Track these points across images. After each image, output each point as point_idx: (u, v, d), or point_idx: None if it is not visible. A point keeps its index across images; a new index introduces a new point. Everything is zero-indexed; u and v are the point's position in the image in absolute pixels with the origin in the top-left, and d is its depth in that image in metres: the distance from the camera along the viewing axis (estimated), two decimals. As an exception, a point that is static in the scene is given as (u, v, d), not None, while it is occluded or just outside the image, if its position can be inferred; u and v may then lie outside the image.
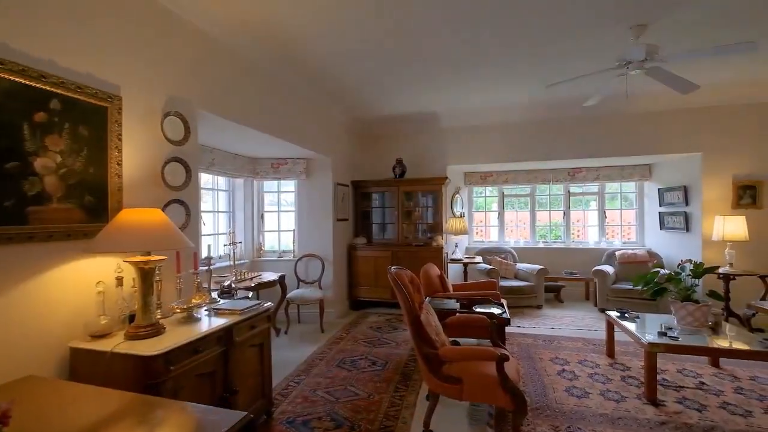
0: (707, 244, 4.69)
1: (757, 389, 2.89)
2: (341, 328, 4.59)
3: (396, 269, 2.58)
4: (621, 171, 5.89)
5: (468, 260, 5.34)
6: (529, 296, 5.35)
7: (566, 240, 6.34)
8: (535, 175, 6.28)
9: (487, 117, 5.33)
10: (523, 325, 4.61)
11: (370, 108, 5.03)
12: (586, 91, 4.26)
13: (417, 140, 5.86)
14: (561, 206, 6.42)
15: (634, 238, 6.07)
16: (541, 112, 5.17)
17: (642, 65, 2.93)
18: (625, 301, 4.92)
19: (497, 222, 6.70)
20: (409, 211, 5.70)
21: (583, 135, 5.18)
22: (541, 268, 5.39)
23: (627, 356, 3.59)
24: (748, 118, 4.58)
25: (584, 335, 4.23)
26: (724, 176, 4.65)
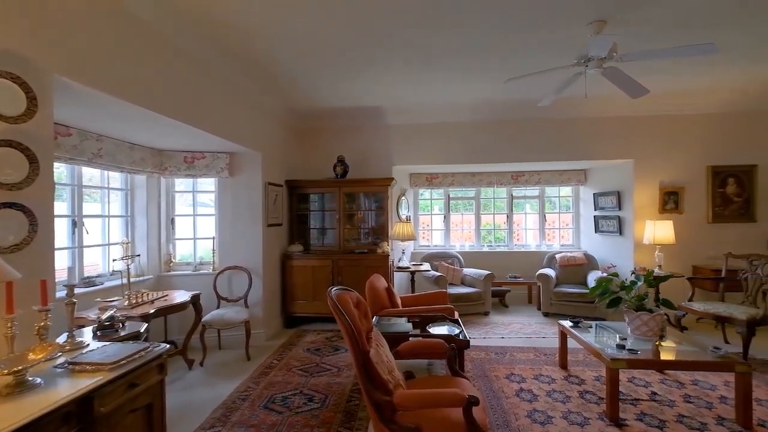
0: (639, 247, 4.88)
1: (702, 396, 2.89)
2: (272, 352, 3.91)
3: (338, 292, 2.05)
4: (560, 175, 6.01)
5: (415, 268, 4.98)
6: (477, 303, 5.16)
7: (510, 244, 6.33)
8: (480, 177, 6.17)
9: (435, 115, 5.03)
10: (474, 335, 4.36)
11: (309, 99, 4.42)
12: (535, 95, 4.15)
13: (361, 137, 5.37)
14: (505, 209, 6.40)
15: (571, 241, 6.24)
16: (488, 114, 5.00)
17: (601, 64, 2.77)
18: (566, 304, 4.95)
19: (443, 225, 6.48)
20: (351, 215, 5.18)
21: (527, 139, 5.12)
22: (488, 273, 5.23)
23: (579, 366, 3.47)
24: (675, 128, 4.86)
25: (534, 344, 4.09)
26: (653, 182, 4.89)
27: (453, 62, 3.42)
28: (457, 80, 3.86)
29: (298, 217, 5.13)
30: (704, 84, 3.99)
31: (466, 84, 3.97)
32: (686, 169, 4.84)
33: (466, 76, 3.76)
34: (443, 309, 3.29)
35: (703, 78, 3.83)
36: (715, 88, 4.12)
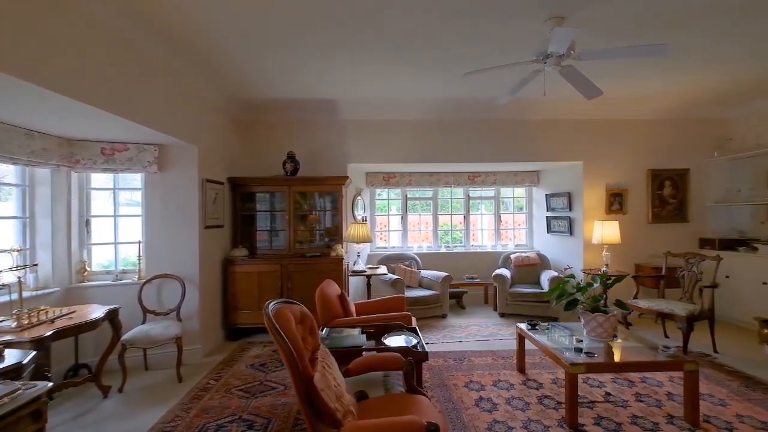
0: (588, 246, 5.03)
1: (651, 393, 2.93)
2: (210, 370, 3.46)
3: (277, 307, 1.74)
4: (514, 176, 6.08)
5: (371, 271, 4.74)
6: (435, 306, 5.03)
7: (466, 244, 6.31)
8: (437, 178, 6.07)
9: (393, 112, 4.83)
10: (431, 340, 4.21)
11: (256, 88, 4.01)
12: (493, 94, 4.08)
13: (314, 132, 5.03)
14: (461, 210, 6.36)
15: (524, 241, 6.35)
16: (447, 113, 4.89)
17: (559, 61, 2.71)
18: (522, 304, 4.97)
19: (400, 226, 6.31)
20: (303, 216, 4.82)
21: (484, 139, 5.09)
22: (445, 275, 5.13)
23: (536, 368, 3.43)
24: (620, 132, 5.08)
25: (492, 347, 4.01)
26: (600, 184, 5.07)
27: (411, 54, 3.22)
28: (415, 74, 3.67)
29: (242, 219, 4.67)
30: (648, 91, 4.16)
31: (424, 79, 3.80)
32: (629, 171, 5.07)
33: (424, 71, 3.59)
34: (400, 316, 3.07)
35: (648, 85, 3.97)
36: (656, 96, 4.31)
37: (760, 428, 2.44)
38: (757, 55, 3.32)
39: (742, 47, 3.20)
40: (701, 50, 3.21)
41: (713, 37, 3.00)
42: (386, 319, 3.05)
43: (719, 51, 3.27)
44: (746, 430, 2.43)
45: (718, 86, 4.03)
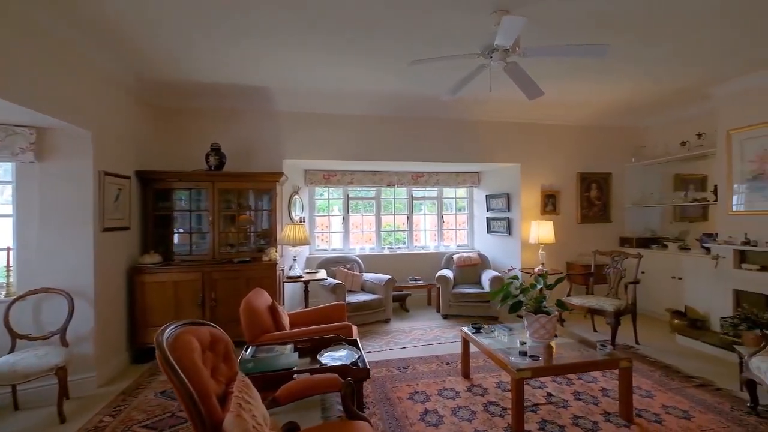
0: (525, 246, 5.18)
1: (588, 390, 2.98)
2: (107, 403, 2.84)
3: (176, 332, 1.36)
4: (456, 177, 6.10)
5: (309, 276, 4.37)
6: (378, 310, 4.80)
7: (410, 245, 6.19)
8: (380, 177, 5.87)
9: (334, 105, 4.51)
10: (374, 348, 3.97)
11: (174, 68, 3.43)
12: (437, 91, 3.96)
13: (244, 123, 4.52)
14: (405, 210, 6.23)
15: (466, 241, 6.41)
16: (391, 109, 4.70)
17: (505, 56, 2.63)
18: (464, 305, 4.95)
19: (342, 227, 6.00)
20: (231, 216, 4.29)
21: (427, 138, 5.00)
22: (389, 278, 4.93)
23: (480, 372, 3.35)
24: (554, 136, 5.31)
25: (435, 351, 3.89)
26: (536, 186, 5.25)
27: (355, 43, 2.94)
28: (358, 65, 3.40)
29: (156, 219, 4.01)
30: (578, 98, 4.35)
31: (368, 71, 3.54)
32: (562, 174, 5.33)
33: (368, 62, 3.33)
34: (340, 328, 2.77)
35: (578, 91, 4.14)
36: (584, 103, 4.54)
37: (683, 418, 2.57)
38: (667, 71, 3.60)
39: (656, 63, 3.45)
40: (624, 62, 3.40)
41: (636, 49, 3.18)
42: (324, 331, 2.73)
43: (639, 64, 3.50)
44: (672, 420, 2.54)
45: (636, 97, 4.36)
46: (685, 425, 2.48)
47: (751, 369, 2.57)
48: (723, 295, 3.90)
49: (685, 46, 3.15)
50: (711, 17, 2.71)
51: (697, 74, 3.73)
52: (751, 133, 3.77)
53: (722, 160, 4.03)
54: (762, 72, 3.59)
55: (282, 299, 4.31)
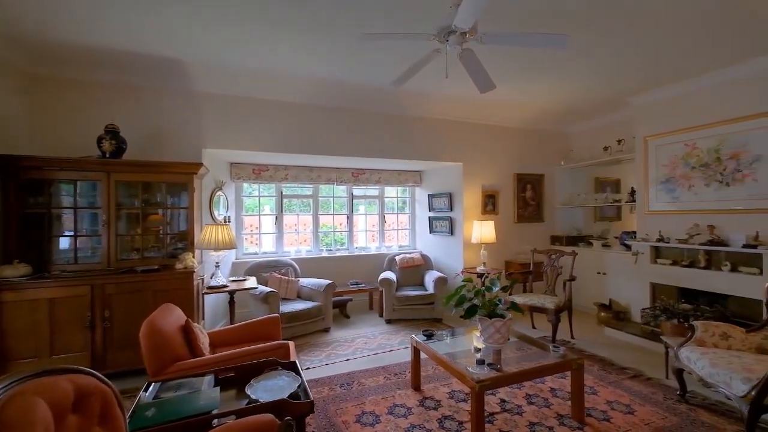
0: (467, 246, 5.15)
1: (538, 392, 2.92)
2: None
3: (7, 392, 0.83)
4: (398, 176, 5.90)
5: (237, 284, 3.76)
6: (316, 319, 4.36)
7: (350, 247, 5.82)
8: (318, 173, 5.41)
9: (266, 90, 3.96)
10: (314, 363, 3.53)
11: (49, 24, 2.61)
12: (383, 79, 3.67)
13: (151, 103, 3.75)
14: (345, 210, 5.85)
15: (407, 242, 6.25)
16: (332, 99, 4.30)
17: (462, 40, 2.42)
18: (408, 308, 4.74)
19: (275, 228, 5.41)
20: (135, 216, 3.50)
21: (370, 133, 4.69)
22: (329, 283, 4.51)
23: (430, 382, 3.12)
24: (494, 136, 5.38)
25: (382, 361, 3.58)
26: (477, 186, 5.26)
27: (292, 14, 2.50)
28: (294, 42, 2.95)
29: (24, 220, 3.08)
30: (519, 99, 4.41)
31: (307, 51, 3.11)
32: (501, 174, 5.42)
33: (307, 39, 2.90)
34: (274, 348, 2.31)
35: (518, 92, 4.18)
36: (522, 105, 4.64)
37: (627, 413, 2.61)
38: (595, 80, 3.79)
39: (587, 72, 3.62)
40: (561, 68, 3.49)
41: (569, 55, 3.26)
42: (254, 354, 2.24)
43: (572, 72, 3.65)
44: (618, 417, 2.56)
45: (567, 103, 4.56)
46: (630, 420, 2.51)
47: (681, 359, 2.71)
48: (642, 288, 4.24)
49: (611, 58, 3.35)
50: (631, 35, 2.92)
51: (618, 84, 3.98)
52: (664, 140, 4.14)
53: (640, 164, 4.38)
54: (673, 85, 3.96)
55: (201, 315, 3.64)
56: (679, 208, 3.99)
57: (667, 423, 2.48)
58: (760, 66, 3.34)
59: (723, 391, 2.33)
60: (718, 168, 3.68)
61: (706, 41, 3.07)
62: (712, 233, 3.66)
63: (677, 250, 3.98)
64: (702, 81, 3.74)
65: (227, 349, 2.48)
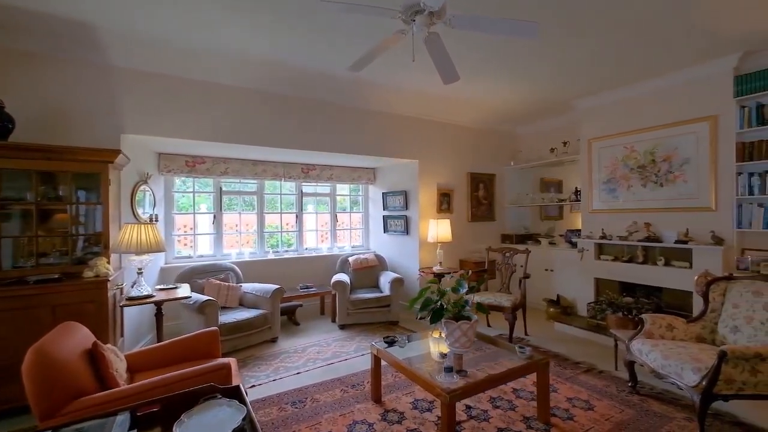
0: (423, 245, 5.04)
1: (501, 395, 2.83)
2: None
3: None
4: (351, 172, 5.62)
5: (166, 294, 3.22)
6: (263, 329, 3.92)
7: (299, 248, 5.41)
8: (264, 167, 4.94)
9: (204, 69, 3.45)
10: (260, 380, 3.13)
11: None
12: (337, 65, 3.38)
13: (53, 76, 3.06)
14: (294, 208, 5.43)
15: (361, 242, 5.99)
16: (281, 85, 3.90)
17: (430, 22, 2.23)
18: (363, 312, 4.49)
19: (213, 228, 4.83)
20: (29, 213, 2.82)
21: (321, 124, 4.36)
22: (276, 288, 4.09)
23: (391, 392, 2.90)
24: (450, 135, 5.33)
25: (337, 372, 3.29)
26: (433, 184, 5.17)
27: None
28: (235, 16, 2.54)
29: None
30: (474, 98, 4.38)
31: (252, 27, 2.71)
32: (455, 173, 5.40)
33: (252, 13, 2.52)
34: (212, 370, 1.91)
35: (474, 90, 4.15)
36: (476, 105, 4.63)
37: (588, 409, 2.62)
38: (544, 83, 3.88)
39: (539, 72, 3.66)
40: (517, 69, 3.50)
41: (524, 55, 3.30)
42: (186, 380, 1.83)
43: (525, 74, 3.71)
44: (580, 414, 2.55)
45: (518, 105, 4.65)
46: (592, 417, 2.51)
47: (633, 352, 2.79)
48: (587, 283, 4.43)
49: (559, 63, 3.46)
50: (578, 42, 3.03)
51: (565, 88, 4.12)
52: (606, 142, 4.37)
53: (584, 166, 4.60)
54: (614, 90, 4.18)
55: (120, 332, 3.05)
56: (619, 207, 4.23)
57: (625, 416, 2.51)
58: (689, 76, 3.63)
59: (674, 382, 2.41)
60: (653, 169, 3.95)
61: (645, 51, 3.26)
62: (649, 230, 3.92)
63: (618, 247, 4.21)
64: (640, 88, 3.99)
65: (152, 375, 2.03)
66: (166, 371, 1.98)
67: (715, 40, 3.06)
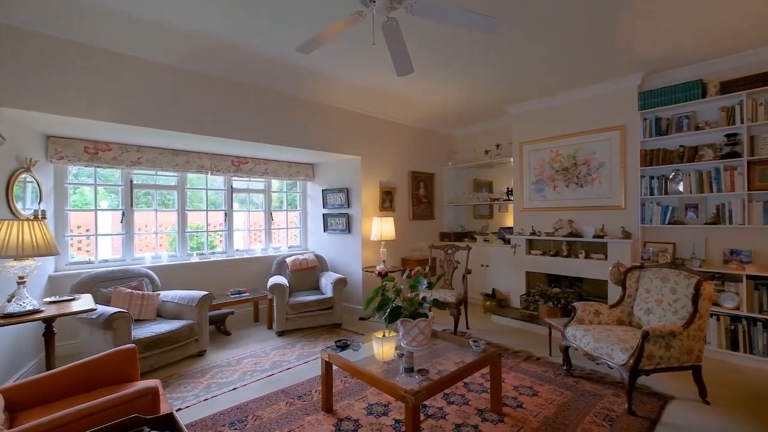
0: (366, 244, 4.91)
1: (453, 389, 2.84)
2: None
3: None
4: (288, 168, 5.26)
5: (58, 308, 2.58)
6: (188, 342, 3.41)
7: (230, 250, 4.88)
8: (186, 158, 4.35)
9: (103, 33, 2.86)
10: (188, 401, 2.69)
11: None
12: (280, 48, 3.08)
13: None
14: (223, 206, 4.88)
15: (298, 242, 5.64)
16: (211, 64, 3.44)
17: (390, 6, 2.12)
18: (304, 316, 4.20)
19: (122, 228, 4.10)
20: None
21: (259, 113, 3.97)
22: (204, 294, 3.60)
23: (343, 398, 2.72)
24: (392, 132, 5.29)
25: (280, 383, 2.99)
26: (375, 181, 5.08)
27: None
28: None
29: None
30: (418, 97, 4.40)
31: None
32: (397, 171, 5.38)
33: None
34: (134, 399, 1.53)
35: (417, 89, 4.17)
36: (418, 105, 4.68)
37: (533, 395, 2.74)
38: (484, 87, 4.07)
39: (479, 77, 3.82)
40: (463, 72, 3.59)
41: (467, 60, 3.42)
42: (99, 413, 1.43)
43: (465, 79, 3.85)
44: (528, 401, 2.66)
45: (457, 106, 4.80)
46: (539, 403, 2.63)
47: (568, 337, 3.02)
48: (519, 276, 4.74)
49: (497, 68, 3.64)
50: (512, 51, 3.18)
51: (501, 92, 4.36)
52: (535, 146, 4.73)
53: (516, 167, 4.92)
54: (543, 98, 4.55)
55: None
56: (547, 206, 4.61)
57: (565, 399, 2.69)
58: (606, 89, 4.09)
59: (605, 362, 2.64)
60: (575, 172, 4.38)
61: (572, 64, 3.59)
62: (572, 227, 4.33)
63: (546, 242, 4.58)
64: (565, 97, 4.39)
65: (48, 412, 1.56)
66: (70, 404, 1.54)
67: (627, 59, 3.48)
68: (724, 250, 3.48)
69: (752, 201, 3.29)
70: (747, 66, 3.34)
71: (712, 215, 3.50)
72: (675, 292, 2.81)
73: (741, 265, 3.28)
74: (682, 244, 3.72)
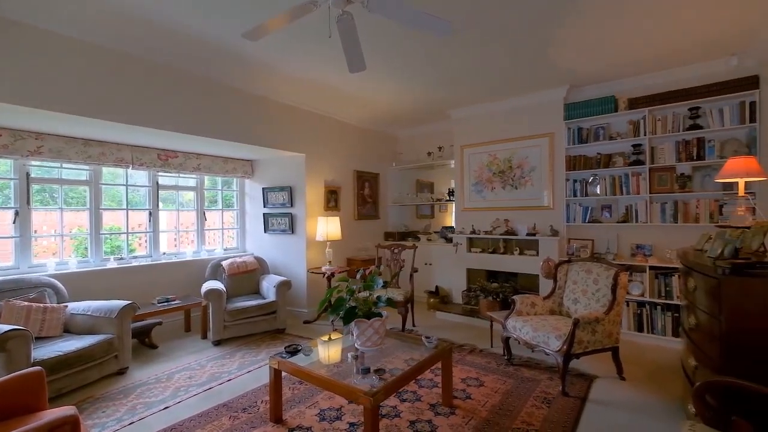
0: (311, 244, 4.75)
1: (406, 387, 2.85)
2: None
3: None
4: (224, 164, 4.88)
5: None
6: (104, 359, 2.97)
7: (155, 253, 4.36)
8: (101, 150, 3.80)
9: (22, 6, 2.38)
10: (110, 425, 2.35)
11: None
12: (224, 32, 2.82)
13: None
14: (147, 204, 4.35)
15: (235, 244, 5.26)
16: (138, 44, 3.03)
17: None
18: (244, 323, 3.92)
19: (14, 230, 3.44)
20: None
21: (192, 102, 3.62)
22: (126, 304, 3.16)
23: (292, 406, 2.58)
24: (337, 131, 5.19)
25: (221, 397, 2.74)
26: (320, 180, 4.94)
27: None
28: None
29: None
30: (361, 98, 4.38)
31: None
32: (342, 170, 5.29)
33: None
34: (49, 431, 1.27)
35: (364, 88, 4.15)
36: (363, 105, 4.67)
37: (479, 386, 2.87)
38: (426, 90, 4.21)
39: (423, 80, 3.94)
40: (411, 75, 3.67)
41: (413, 62, 3.52)
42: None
43: (411, 81, 3.94)
44: (475, 392, 2.77)
45: (400, 107, 4.88)
46: (485, 392, 2.76)
47: (509, 329, 3.22)
48: (460, 273, 4.96)
49: (441, 72, 3.77)
50: (453, 57, 3.36)
51: (444, 96, 4.53)
52: (475, 149, 4.99)
53: (457, 169, 5.15)
54: (482, 104, 4.82)
55: None
56: (485, 206, 4.89)
57: (508, 386, 2.86)
58: (538, 99, 4.45)
59: (543, 349, 2.87)
60: (510, 174, 4.71)
61: (509, 73, 3.84)
62: (507, 226, 4.65)
63: (485, 240, 4.86)
64: (503, 104, 4.70)
65: None
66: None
67: (557, 73, 3.84)
68: (631, 244, 4.01)
69: (653, 202, 3.84)
70: (650, 86, 3.89)
71: (623, 215, 4.01)
72: (597, 283, 3.15)
73: (645, 258, 3.81)
74: (599, 240, 4.20)
